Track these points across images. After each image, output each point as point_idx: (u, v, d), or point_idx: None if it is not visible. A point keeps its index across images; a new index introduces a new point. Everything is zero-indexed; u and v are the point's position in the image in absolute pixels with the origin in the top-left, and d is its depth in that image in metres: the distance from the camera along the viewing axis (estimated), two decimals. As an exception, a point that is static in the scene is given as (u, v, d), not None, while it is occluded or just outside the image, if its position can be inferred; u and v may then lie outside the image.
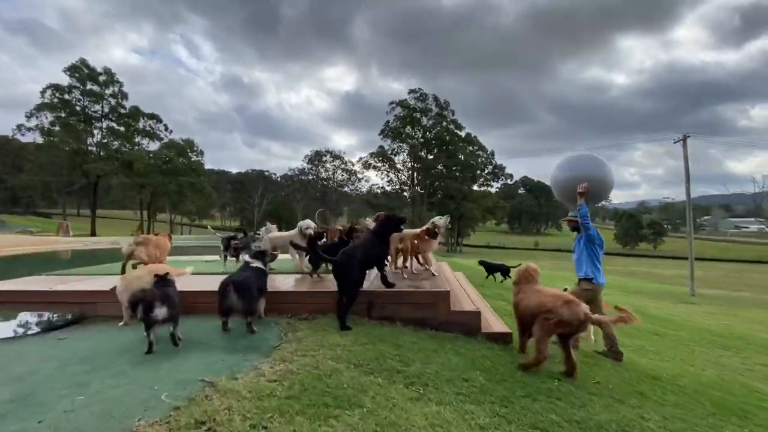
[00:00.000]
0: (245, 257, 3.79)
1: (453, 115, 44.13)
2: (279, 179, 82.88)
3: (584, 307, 3.08)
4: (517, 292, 3.60)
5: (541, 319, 3.10)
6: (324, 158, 70.69)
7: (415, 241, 4.92)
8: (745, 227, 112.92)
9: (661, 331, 7.19)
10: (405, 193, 46.24)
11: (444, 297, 3.85)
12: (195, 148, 52.26)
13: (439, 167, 42.33)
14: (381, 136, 46.29)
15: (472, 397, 2.31)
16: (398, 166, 46.77)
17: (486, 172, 48.33)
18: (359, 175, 68.40)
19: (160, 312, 2.73)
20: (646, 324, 6.90)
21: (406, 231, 4.69)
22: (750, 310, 13.78)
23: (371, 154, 47.68)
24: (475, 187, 47.30)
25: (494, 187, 50.35)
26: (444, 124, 43.81)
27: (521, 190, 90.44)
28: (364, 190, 68.07)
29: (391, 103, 45.42)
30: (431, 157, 42.88)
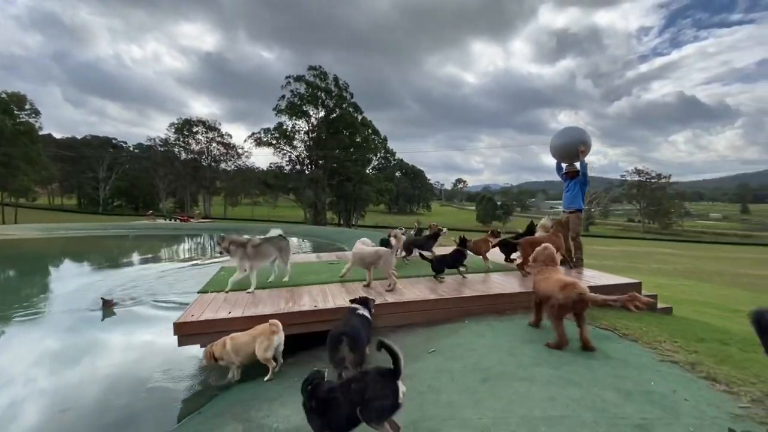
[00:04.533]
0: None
1: (352, 98, 44.10)
2: (134, 150, 69.35)
3: (579, 289, 3.18)
4: (537, 273, 3.71)
5: (547, 305, 3.36)
6: (195, 128, 62.14)
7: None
8: (555, 207, 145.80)
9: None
10: (306, 173, 44.42)
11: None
12: (27, 106, 39.25)
13: (338, 150, 41.94)
14: (275, 112, 43.08)
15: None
16: (297, 144, 44.42)
17: (379, 156, 50.22)
18: (239, 150, 62.66)
19: None
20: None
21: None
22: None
23: (265, 130, 43.99)
24: (368, 170, 48.64)
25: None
26: (344, 106, 43.34)
27: (398, 173, 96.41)
28: (243, 166, 62.75)
29: (288, 77, 42.48)
30: (332, 138, 42.06)
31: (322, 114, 43.62)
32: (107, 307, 5.93)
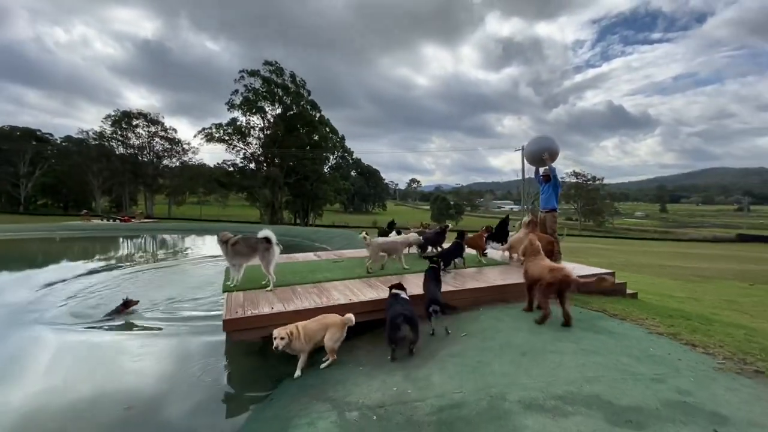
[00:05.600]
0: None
1: (309, 95, 43.49)
2: (62, 143, 62.65)
3: (565, 271, 3.82)
4: (525, 262, 4.49)
5: (538, 285, 4.12)
6: (135, 122, 57.58)
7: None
8: (502, 207, 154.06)
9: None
10: (262, 171, 42.97)
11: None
12: None
13: (296, 148, 41.16)
14: (228, 107, 41.28)
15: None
16: (252, 141, 42.87)
17: (336, 155, 50.00)
18: (185, 146, 59.09)
19: None
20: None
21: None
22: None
23: (217, 126, 41.96)
24: (325, 169, 48.28)
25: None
26: (301, 103, 42.61)
27: (353, 173, 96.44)
28: (189, 162, 59.39)
29: (241, 71, 40.89)
30: (289, 136, 41.15)
31: (278, 111, 42.61)
32: (128, 308, 5.45)
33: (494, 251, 7.06)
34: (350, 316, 3.64)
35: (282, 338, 3.25)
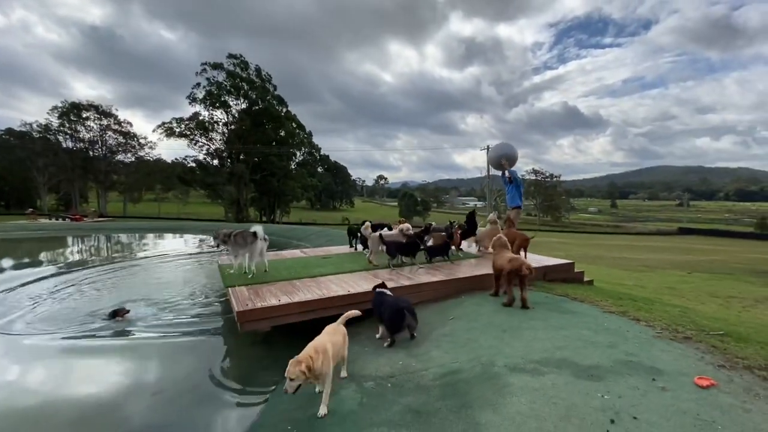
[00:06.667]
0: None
1: (275, 90, 42.79)
2: (4, 136, 57.62)
3: (521, 261, 4.56)
4: (495, 254, 5.16)
5: (503, 274, 4.84)
6: (86, 114, 53.97)
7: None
8: (467, 203, 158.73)
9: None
10: (226, 167, 41.82)
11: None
12: None
13: (262, 144, 40.46)
14: (189, 100, 39.79)
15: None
16: (215, 137, 41.60)
17: (303, 151, 49.57)
18: (141, 140, 56.20)
19: None
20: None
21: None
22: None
23: (177, 120, 40.34)
24: (293, 166, 47.82)
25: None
26: (267, 98, 41.85)
27: (320, 169, 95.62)
28: (146, 158, 56.70)
29: (203, 64, 39.48)
30: (255, 131, 40.32)
31: (244, 106, 41.66)
32: (120, 316, 5.30)
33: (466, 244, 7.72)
34: (356, 311, 3.47)
35: (295, 378, 2.50)
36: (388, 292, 4.27)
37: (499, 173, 8.55)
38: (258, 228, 5.79)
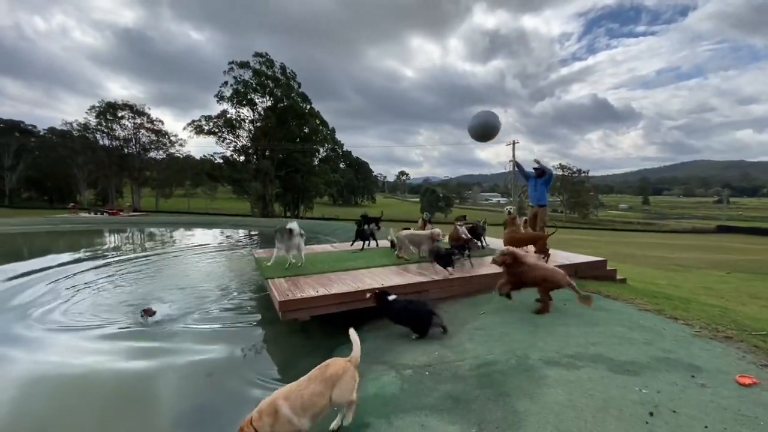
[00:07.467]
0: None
1: (299, 87, 43.45)
2: (47, 135, 61.18)
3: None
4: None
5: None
6: (121, 113, 56.46)
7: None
8: (489, 199, 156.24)
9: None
10: (252, 163, 42.94)
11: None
12: None
13: (286, 141, 41.24)
14: (217, 99, 41.03)
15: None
16: (242, 134, 42.74)
17: (326, 148, 50.12)
18: (172, 138, 58.34)
19: None
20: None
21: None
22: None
23: (206, 118, 41.69)
24: (316, 162, 48.47)
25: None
26: (292, 95, 42.57)
27: (342, 165, 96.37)
28: (176, 155, 58.77)
29: (231, 62, 40.59)
30: (280, 128, 41.15)
31: (269, 103, 42.49)
32: (149, 315, 5.44)
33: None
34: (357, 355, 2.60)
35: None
36: (393, 296, 4.26)
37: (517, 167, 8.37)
38: (294, 224, 6.04)
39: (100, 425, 3.06)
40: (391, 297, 4.20)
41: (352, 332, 2.68)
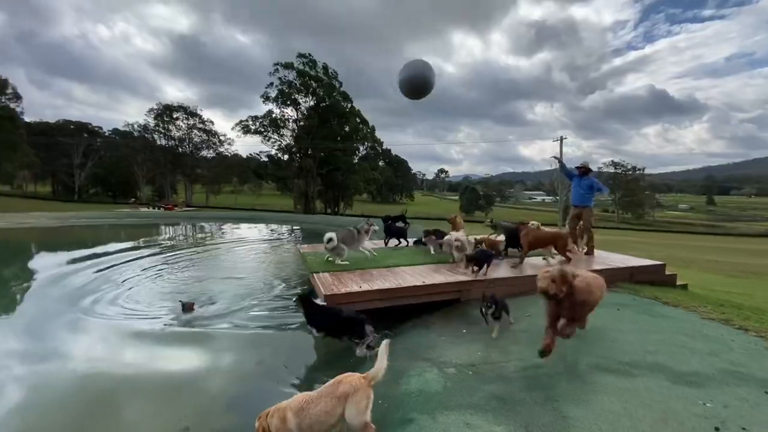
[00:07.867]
0: None
1: (341, 86, 44.25)
2: (111, 135, 67.00)
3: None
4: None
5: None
6: (176, 114, 60.49)
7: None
8: (534, 198, 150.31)
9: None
10: (295, 162, 44.47)
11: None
12: (9, 90, 37.32)
13: (327, 139, 42.22)
14: (263, 99, 42.80)
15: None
16: (287, 133, 44.34)
17: (366, 146, 50.69)
18: (221, 137, 61.65)
19: None
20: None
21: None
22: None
23: (253, 118, 43.66)
24: (356, 160, 49.16)
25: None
26: (334, 94, 43.47)
27: (381, 163, 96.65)
28: (225, 153, 61.98)
29: (276, 64, 42.20)
30: (323, 127, 42.23)
31: (312, 103, 43.66)
32: (187, 309, 5.47)
33: None
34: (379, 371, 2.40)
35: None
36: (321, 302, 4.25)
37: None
38: (332, 234, 6.20)
39: (156, 410, 3.28)
40: (319, 301, 4.12)
41: (383, 346, 2.47)
